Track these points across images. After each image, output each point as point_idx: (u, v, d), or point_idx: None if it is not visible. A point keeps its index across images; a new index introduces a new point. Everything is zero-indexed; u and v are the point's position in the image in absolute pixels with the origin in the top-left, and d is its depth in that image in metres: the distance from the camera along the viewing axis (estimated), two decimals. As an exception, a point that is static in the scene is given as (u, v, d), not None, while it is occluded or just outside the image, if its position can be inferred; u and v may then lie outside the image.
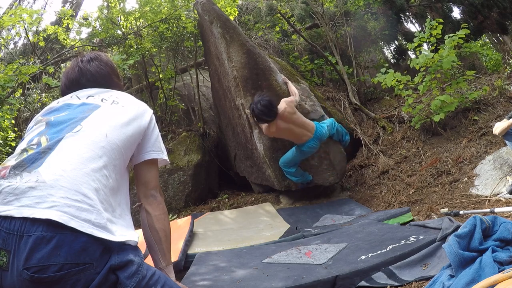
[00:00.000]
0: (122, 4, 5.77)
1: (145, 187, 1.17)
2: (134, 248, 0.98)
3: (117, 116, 1.12)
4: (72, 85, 1.27)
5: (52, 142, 0.98)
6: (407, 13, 7.81)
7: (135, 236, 1.01)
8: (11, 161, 0.96)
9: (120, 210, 1.02)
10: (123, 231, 0.97)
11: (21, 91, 6.27)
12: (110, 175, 1.00)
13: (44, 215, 0.82)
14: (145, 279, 0.95)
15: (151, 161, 1.19)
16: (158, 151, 1.21)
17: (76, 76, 1.27)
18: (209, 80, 5.79)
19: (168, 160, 1.27)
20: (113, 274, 0.89)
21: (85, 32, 14.37)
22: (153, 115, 1.26)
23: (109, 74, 1.32)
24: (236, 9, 6.21)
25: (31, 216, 0.82)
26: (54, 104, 1.19)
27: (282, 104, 3.41)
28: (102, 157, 0.99)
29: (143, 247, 1.19)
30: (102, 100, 1.17)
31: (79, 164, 0.94)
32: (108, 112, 1.12)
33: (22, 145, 1.03)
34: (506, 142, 2.99)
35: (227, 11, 5.77)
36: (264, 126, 3.45)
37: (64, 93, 1.27)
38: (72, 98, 1.18)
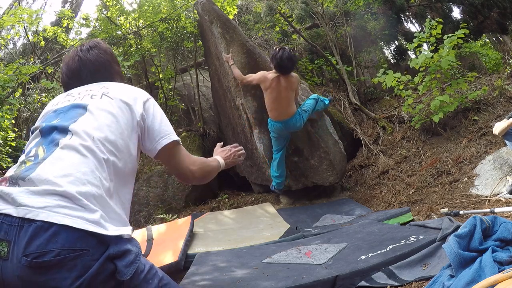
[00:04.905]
0: (119, 5, 5.76)
1: (177, 170, 1.24)
2: (130, 239, 0.99)
3: (107, 116, 1.11)
4: (73, 75, 1.26)
5: (49, 153, 1.00)
6: (407, 13, 7.81)
7: (129, 230, 1.01)
8: (10, 172, 1.00)
9: (115, 211, 1.03)
10: (117, 226, 0.97)
11: (21, 91, 6.27)
12: (102, 176, 1.00)
13: (38, 216, 0.85)
14: (143, 273, 0.96)
15: (165, 148, 1.17)
16: (166, 136, 1.18)
17: (76, 66, 1.27)
18: (209, 80, 5.79)
19: (179, 139, 1.23)
20: (111, 263, 0.90)
21: (85, 32, 14.38)
22: (150, 100, 1.22)
23: (109, 62, 1.31)
24: (235, 7, 6.20)
25: (26, 216, 0.85)
26: (49, 108, 1.20)
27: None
28: (93, 160, 1.00)
29: (143, 247, 1.19)
30: (91, 97, 1.16)
31: (71, 169, 0.95)
32: (97, 113, 1.11)
33: (22, 157, 1.05)
34: (506, 142, 2.99)
35: (225, 9, 5.76)
36: (257, 76, 3.45)
37: (65, 84, 1.28)
38: (63, 101, 1.18)
